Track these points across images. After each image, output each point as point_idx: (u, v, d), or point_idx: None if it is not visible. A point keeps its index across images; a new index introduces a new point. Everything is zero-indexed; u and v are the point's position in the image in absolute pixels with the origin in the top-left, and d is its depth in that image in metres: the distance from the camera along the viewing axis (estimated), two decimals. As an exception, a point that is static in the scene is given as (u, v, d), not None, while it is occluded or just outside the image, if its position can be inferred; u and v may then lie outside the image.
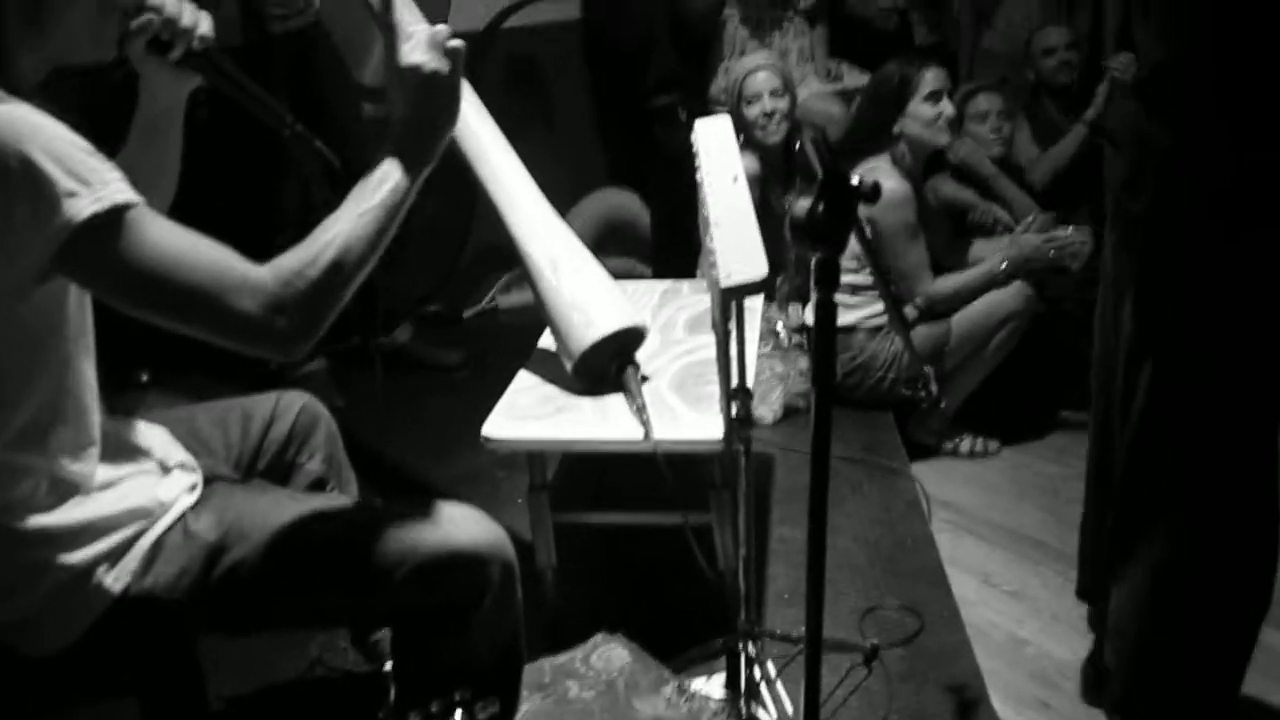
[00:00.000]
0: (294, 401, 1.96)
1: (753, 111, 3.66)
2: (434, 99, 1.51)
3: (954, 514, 3.16)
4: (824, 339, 1.49)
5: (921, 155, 3.38)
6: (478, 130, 2.28)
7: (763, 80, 3.66)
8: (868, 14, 4.64)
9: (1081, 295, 4.03)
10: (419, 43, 1.50)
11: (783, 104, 3.66)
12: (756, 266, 1.72)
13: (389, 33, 1.51)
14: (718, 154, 1.92)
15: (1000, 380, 3.49)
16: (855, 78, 4.18)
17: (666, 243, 4.21)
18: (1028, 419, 3.66)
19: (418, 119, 1.52)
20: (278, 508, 1.63)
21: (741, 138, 3.69)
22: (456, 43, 1.52)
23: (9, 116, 1.34)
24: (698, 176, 1.88)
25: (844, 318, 3.39)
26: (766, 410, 3.37)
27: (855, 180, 1.41)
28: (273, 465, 1.91)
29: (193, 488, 1.66)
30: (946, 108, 3.32)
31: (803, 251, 1.44)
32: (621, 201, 4.60)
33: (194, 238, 1.41)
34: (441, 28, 1.53)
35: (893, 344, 3.37)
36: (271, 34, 3.28)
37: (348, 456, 2.02)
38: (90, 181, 1.35)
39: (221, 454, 1.85)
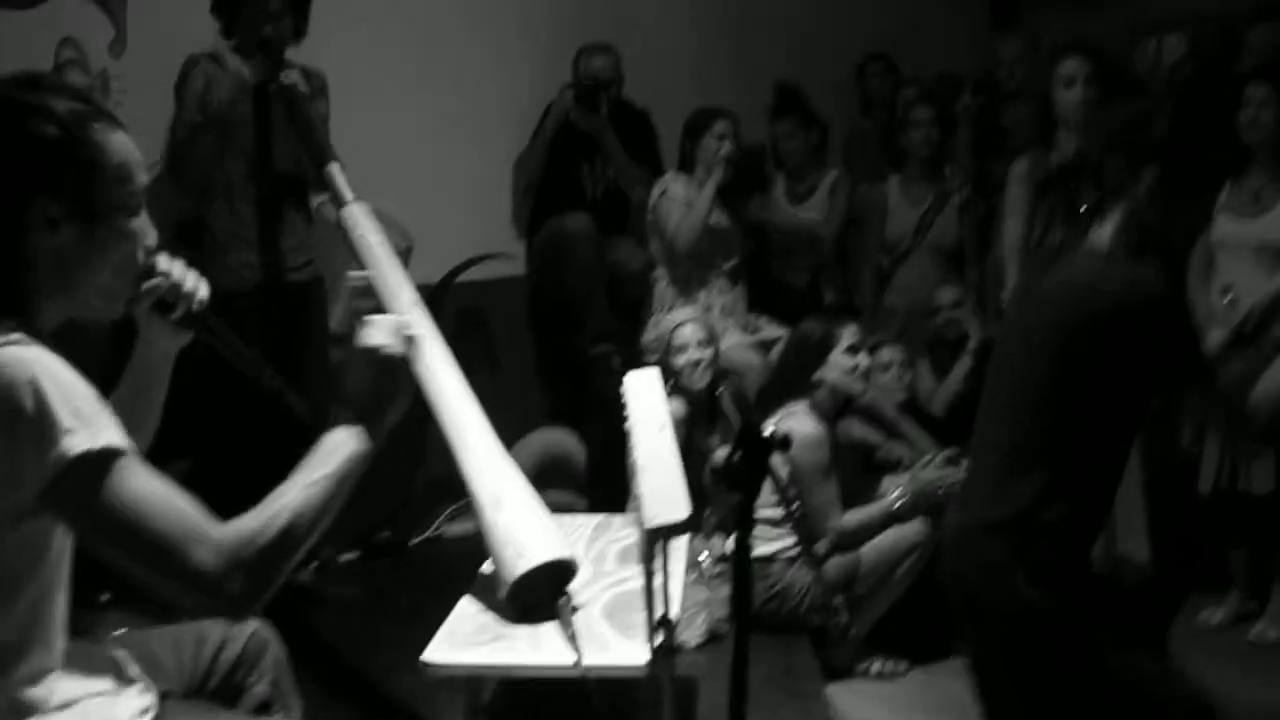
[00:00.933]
0: (245, 626, 1.98)
1: (680, 360, 3.82)
2: (389, 378, 1.61)
3: (867, 733, 3.19)
4: (741, 576, 1.59)
5: (837, 401, 3.56)
6: (440, 375, 2.39)
7: (689, 332, 3.84)
8: (784, 275, 4.89)
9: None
10: (381, 326, 1.62)
11: (707, 353, 3.84)
12: (678, 510, 1.77)
13: (357, 316, 1.65)
14: (645, 404, 2.01)
15: (907, 605, 3.56)
16: (772, 330, 4.38)
17: (601, 479, 4.28)
18: (933, 640, 3.72)
19: (373, 395, 1.61)
20: None
21: (670, 383, 3.83)
22: (414, 331, 1.66)
23: (31, 356, 1.44)
24: (626, 425, 1.98)
25: (764, 548, 3.48)
26: (691, 634, 3.36)
27: (768, 432, 1.53)
28: (222, 687, 1.93)
29: (145, 710, 1.68)
30: (863, 360, 3.55)
31: (720, 494, 1.56)
32: (560, 439, 4.66)
33: (169, 490, 1.45)
34: (403, 317, 1.66)
35: (809, 573, 3.47)
36: (285, 282, 3.46)
37: (294, 680, 2.04)
38: (90, 422, 1.42)
39: (175, 675, 1.87)
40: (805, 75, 5.28)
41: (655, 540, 1.76)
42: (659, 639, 1.89)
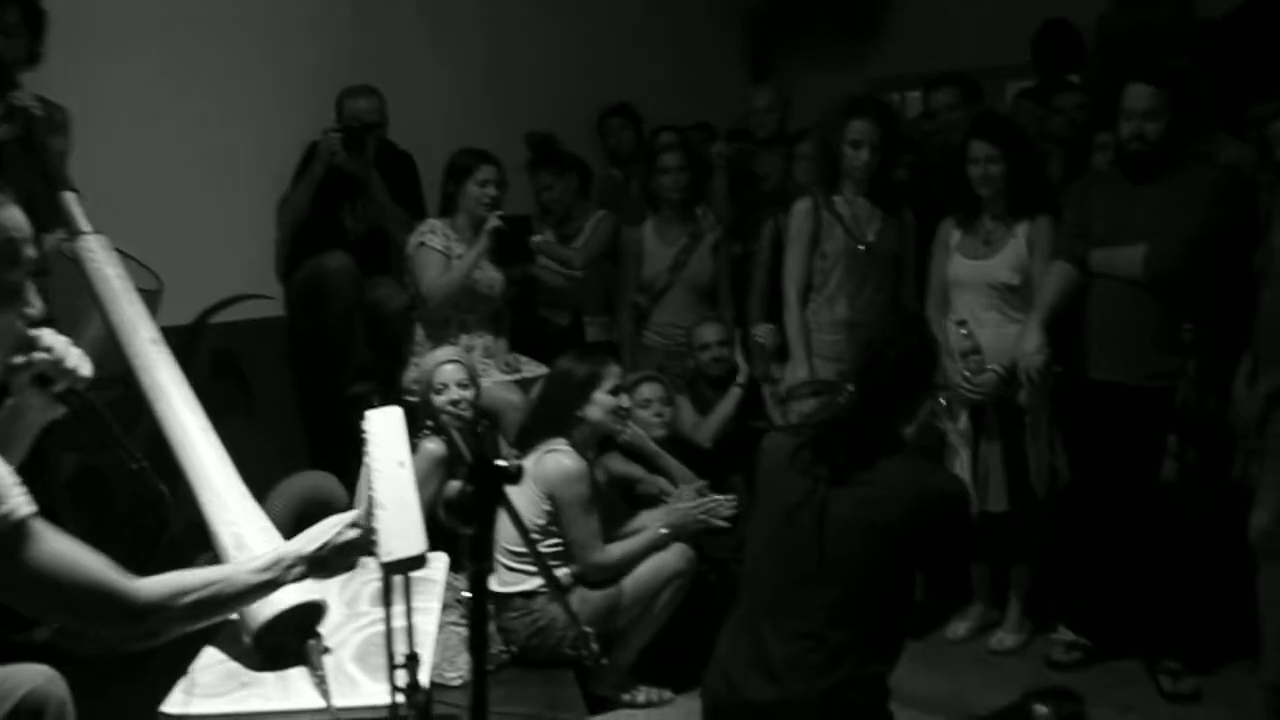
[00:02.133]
0: (21, 683, 1.87)
1: (441, 399, 3.74)
2: (349, 557, 1.93)
3: (633, 764, 3.15)
4: (478, 611, 1.53)
5: (597, 438, 3.53)
6: (182, 416, 2.27)
7: (451, 372, 3.77)
8: (547, 315, 4.86)
9: (740, 555, 4.22)
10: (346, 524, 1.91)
11: (468, 393, 3.77)
12: (414, 543, 1.77)
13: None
14: (385, 441, 1.97)
15: (671, 634, 3.56)
16: (532, 368, 4.34)
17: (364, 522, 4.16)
18: (698, 668, 3.73)
19: (333, 564, 1.93)
20: None
21: (429, 423, 3.75)
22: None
23: None
24: (365, 462, 1.93)
25: (526, 583, 3.43)
26: (454, 673, 3.31)
27: (502, 464, 1.48)
28: None
29: None
30: (624, 400, 3.52)
31: (456, 528, 1.50)
32: (320, 483, 4.48)
33: (75, 545, 1.57)
34: (360, 513, 1.90)
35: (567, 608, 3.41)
36: None
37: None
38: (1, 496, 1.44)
39: None
40: (562, 124, 5.31)
41: (391, 575, 1.75)
42: (402, 677, 1.83)
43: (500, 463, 1.49)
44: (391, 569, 1.73)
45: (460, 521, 1.48)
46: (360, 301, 4.35)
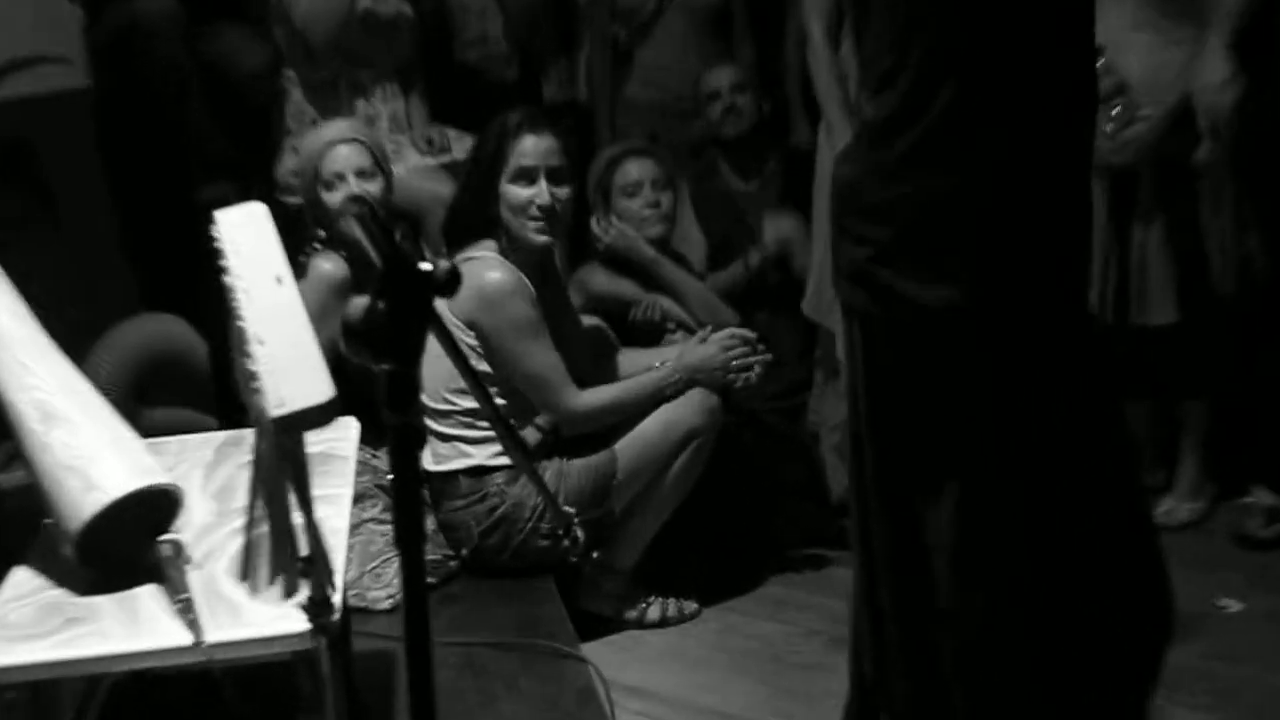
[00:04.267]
0: None
1: (335, 198, 3.71)
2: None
3: (645, 702, 3.22)
4: (406, 484, 1.50)
5: (526, 248, 3.48)
6: None
7: (345, 157, 3.74)
8: (479, 62, 4.77)
9: (787, 401, 4.25)
10: None
11: (374, 185, 3.74)
12: (318, 388, 1.74)
13: None
14: (249, 251, 1.97)
15: (690, 520, 3.59)
16: (465, 145, 4.28)
17: (229, 382, 4.16)
18: (732, 568, 3.79)
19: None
20: None
21: (321, 233, 3.71)
22: None
23: None
24: (225, 281, 1.93)
25: (472, 456, 3.45)
26: (381, 591, 3.35)
27: (427, 266, 1.44)
28: None
29: None
30: (541, 193, 3.45)
31: (364, 364, 1.46)
32: (166, 332, 4.51)
33: None
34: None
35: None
36: None
37: None
38: None
39: None
40: None
41: (287, 439, 1.73)
42: (306, 593, 1.84)
43: (424, 265, 1.44)
44: (285, 427, 1.70)
45: (370, 355, 1.44)
46: (197, 60, 4.29)
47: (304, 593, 1.86)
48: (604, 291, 4.11)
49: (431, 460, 3.47)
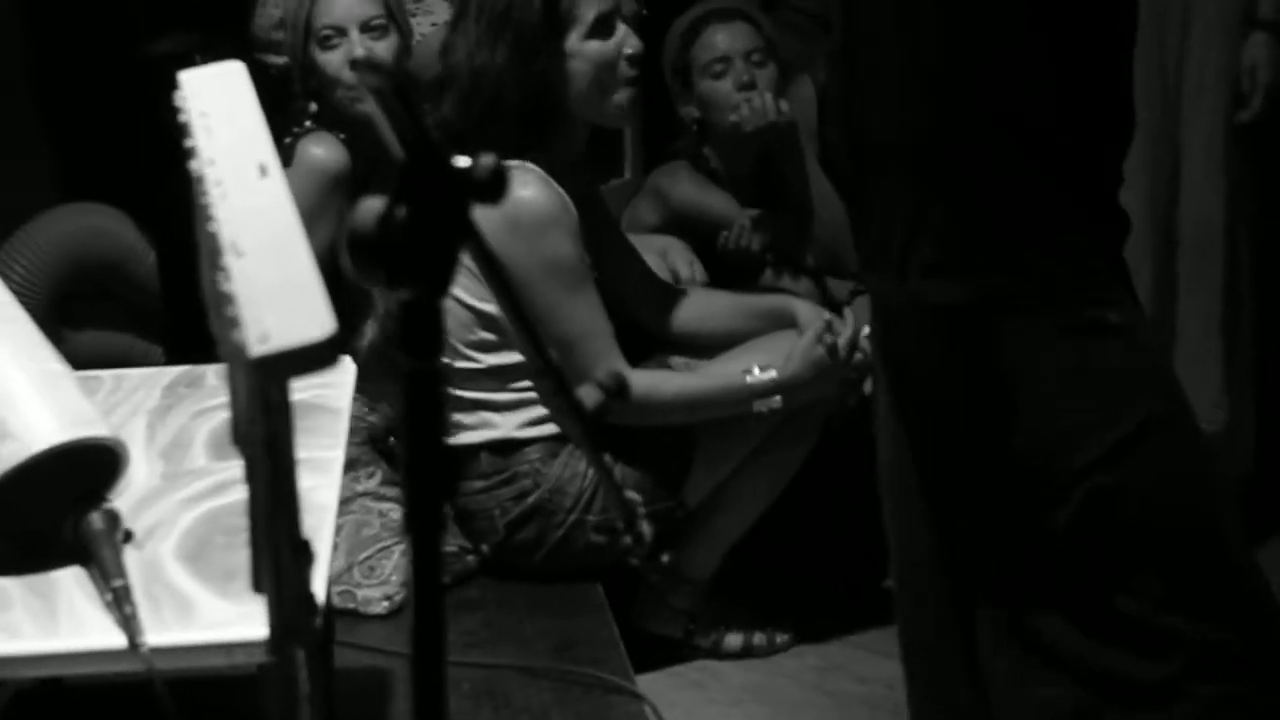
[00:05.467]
0: None
1: (333, 60, 3.78)
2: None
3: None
4: (425, 451, 1.51)
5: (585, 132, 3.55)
6: None
7: (347, 5, 3.80)
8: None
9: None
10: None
11: (384, 45, 3.80)
12: (315, 319, 1.70)
13: None
14: (227, 126, 1.98)
15: (786, 522, 3.66)
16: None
17: (184, 301, 4.20)
18: (838, 589, 3.84)
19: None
20: None
21: (313, 107, 3.75)
22: None
23: None
24: (190, 168, 1.94)
25: (497, 426, 3.52)
26: (376, 590, 3.43)
27: (464, 161, 1.45)
28: None
29: None
30: (629, 38, 3.48)
31: (373, 289, 1.47)
32: (98, 229, 4.58)
33: None
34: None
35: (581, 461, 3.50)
36: None
37: None
38: None
39: None
40: None
41: (270, 384, 1.71)
42: (286, 589, 1.86)
43: (461, 160, 1.45)
44: (268, 370, 1.67)
45: (383, 277, 1.44)
46: None
47: (288, 587, 1.89)
48: (690, 204, 4.14)
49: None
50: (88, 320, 4.47)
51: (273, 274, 1.75)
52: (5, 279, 3.70)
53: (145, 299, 4.52)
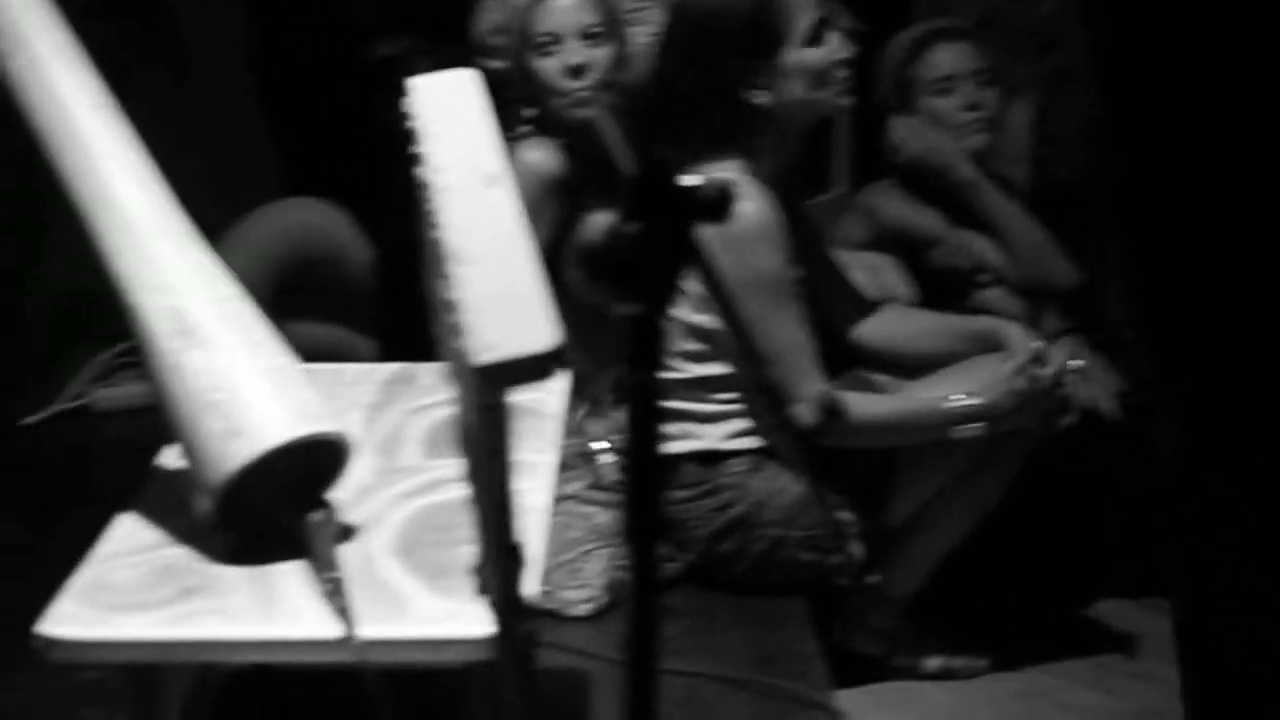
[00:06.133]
0: None
1: (549, 66, 3.80)
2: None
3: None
4: (642, 466, 1.53)
5: (796, 143, 3.53)
6: (62, 89, 2.32)
7: (565, 10, 3.81)
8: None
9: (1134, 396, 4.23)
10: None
11: (601, 53, 3.81)
12: (539, 330, 1.73)
13: None
14: (457, 135, 2.01)
15: (992, 543, 3.62)
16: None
17: (400, 299, 4.24)
18: (1043, 613, 3.82)
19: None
20: None
21: (530, 112, 3.79)
22: None
23: None
24: (417, 175, 1.97)
25: (702, 438, 3.52)
26: (578, 592, 3.45)
27: (692, 181, 1.46)
28: None
29: None
30: (843, 47, 3.49)
31: (601, 304, 1.49)
32: (316, 224, 4.64)
33: None
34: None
35: (795, 479, 3.51)
36: None
37: None
38: None
39: None
40: None
41: (494, 392, 1.72)
42: (502, 591, 1.87)
43: (689, 180, 1.46)
44: (494, 380, 1.70)
45: (611, 291, 1.46)
46: None
47: (501, 590, 1.89)
48: (900, 223, 4.12)
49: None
50: (303, 313, 4.53)
51: (497, 284, 1.78)
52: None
53: (360, 294, 4.58)
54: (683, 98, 3.55)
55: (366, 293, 4.55)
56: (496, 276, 1.79)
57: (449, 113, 2.05)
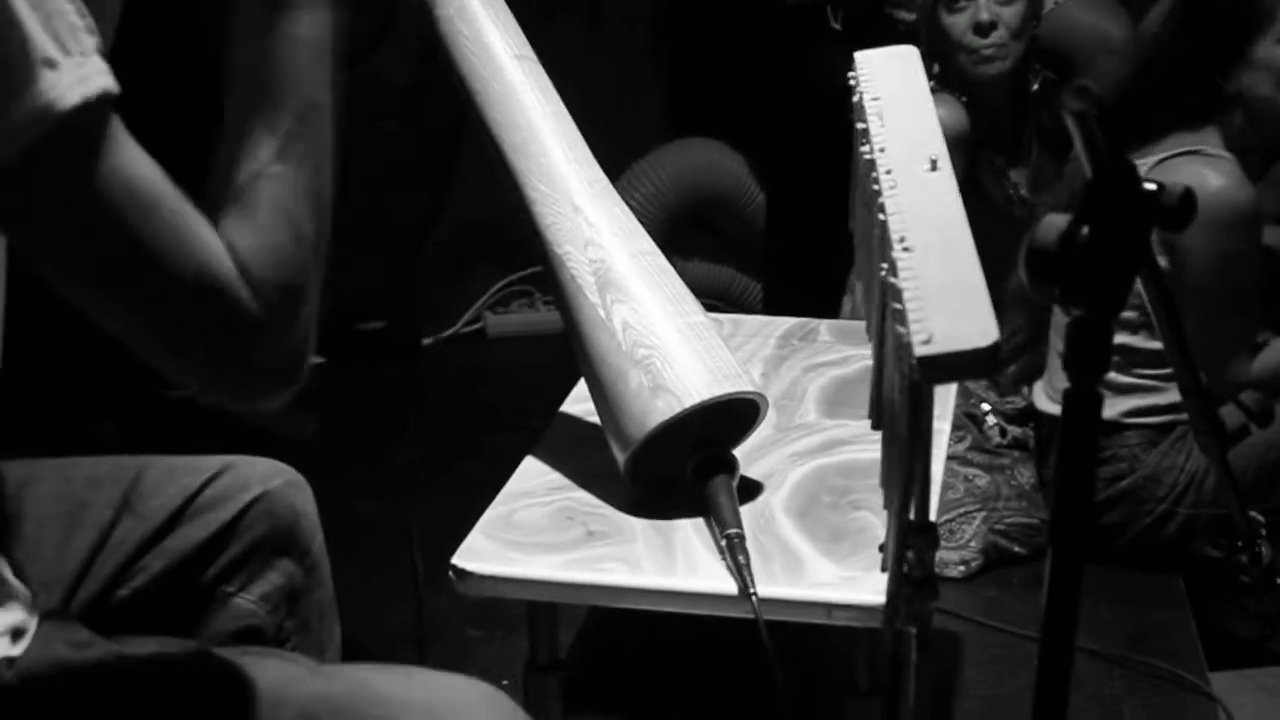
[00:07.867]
0: (248, 481, 2.10)
1: (959, 22, 3.79)
2: None
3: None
4: (1077, 449, 1.53)
5: (1271, 136, 3.46)
6: (492, 37, 2.35)
7: (982, -34, 3.78)
8: None
9: None
10: None
11: (1012, 11, 3.78)
12: (978, 325, 1.70)
13: None
14: (899, 114, 1.97)
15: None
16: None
17: (791, 245, 4.26)
18: None
19: None
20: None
21: (936, 68, 3.79)
22: None
23: None
24: (861, 153, 1.95)
25: (1113, 409, 3.48)
26: (954, 553, 3.46)
27: (1152, 185, 1.45)
28: (168, 588, 2.03)
29: (16, 634, 1.72)
30: None
31: (1045, 301, 1.47)
32: (715, 164, 4.67)
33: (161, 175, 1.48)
34: None
35: (1190, 458, 3.47)
36: None
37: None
38: (69, 47, 1.39)
39: (55, 564, 1.95)
40: None
41: (929, 383, 1.74)
42: (908, 566, 1.89)
43: (1150, 184, 1.45)
44: (932, 371, 1.68)
45: (1059, 293, 1.45)
46: None
47: (908, 566, 1.89)
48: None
49: (1046, 399, 3.54)
50: (696, 251, 4.58)
51: (941, 274, 1.76)
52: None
53: (750, 236, 4.60)
54: (1161, 71, 3.51)
55: (756, 234, 4.57)
56: (942, 267, 1.77)
57: (893, 91, 2.02)
